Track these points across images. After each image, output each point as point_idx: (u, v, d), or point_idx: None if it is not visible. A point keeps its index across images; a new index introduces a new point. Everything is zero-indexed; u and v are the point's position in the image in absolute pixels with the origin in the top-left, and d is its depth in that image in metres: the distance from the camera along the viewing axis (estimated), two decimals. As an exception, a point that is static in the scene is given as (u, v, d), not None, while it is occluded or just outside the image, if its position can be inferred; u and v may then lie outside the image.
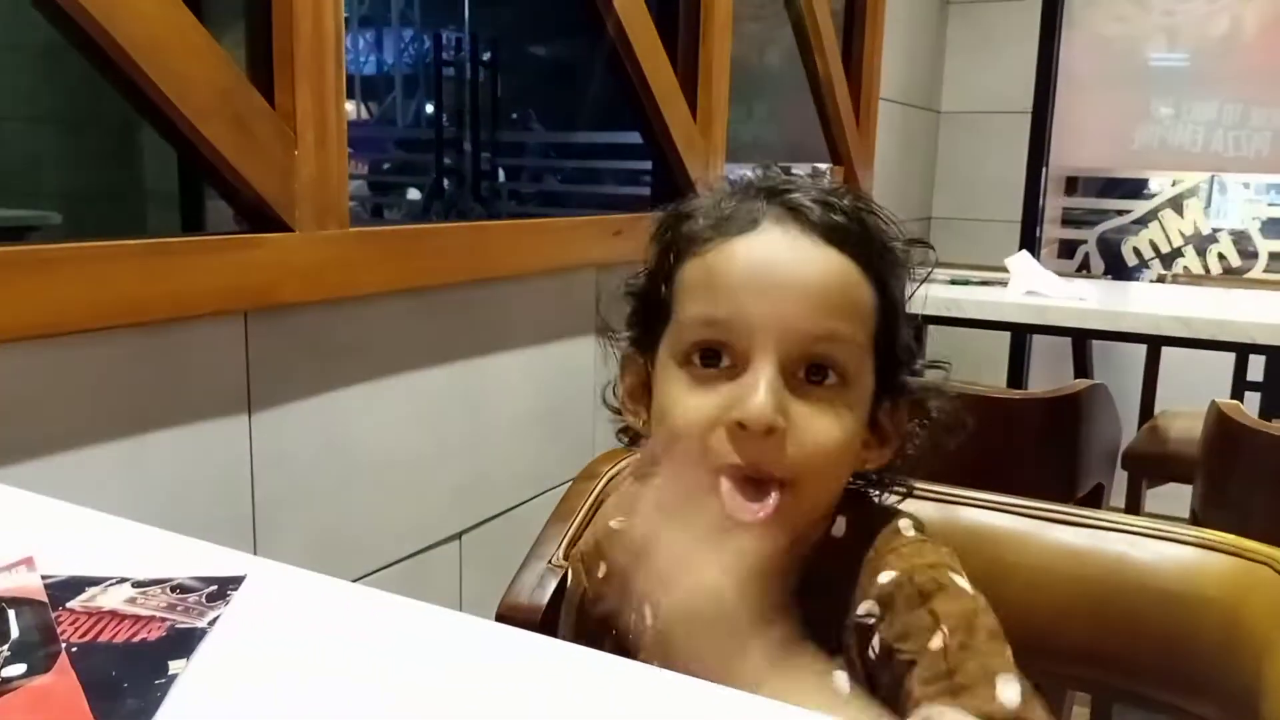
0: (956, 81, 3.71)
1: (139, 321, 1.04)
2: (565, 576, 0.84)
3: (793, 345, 0.62)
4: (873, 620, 0.63)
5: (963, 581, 0.63)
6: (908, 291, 0.68)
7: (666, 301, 0.67)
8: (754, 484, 0.62)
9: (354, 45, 7.43)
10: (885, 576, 0.64)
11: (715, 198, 0.68)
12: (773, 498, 0.62)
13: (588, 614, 0.75)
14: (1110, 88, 3.42)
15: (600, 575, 0.76)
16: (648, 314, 0.70)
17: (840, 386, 0.63)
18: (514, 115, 6.17)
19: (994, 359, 3.24)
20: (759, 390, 0.60)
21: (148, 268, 1.03)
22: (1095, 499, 1.48)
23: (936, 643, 0.59)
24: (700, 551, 0.65)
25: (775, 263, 0.63)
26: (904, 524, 0.68)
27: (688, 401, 0.63)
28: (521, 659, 0.54)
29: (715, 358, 0.63)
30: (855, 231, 0.64)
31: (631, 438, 0.76)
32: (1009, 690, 0.56)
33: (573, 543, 0.88)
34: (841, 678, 0.63)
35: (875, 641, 0.62)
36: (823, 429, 0.62)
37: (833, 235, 0.63)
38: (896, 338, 0.67)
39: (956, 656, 0.58)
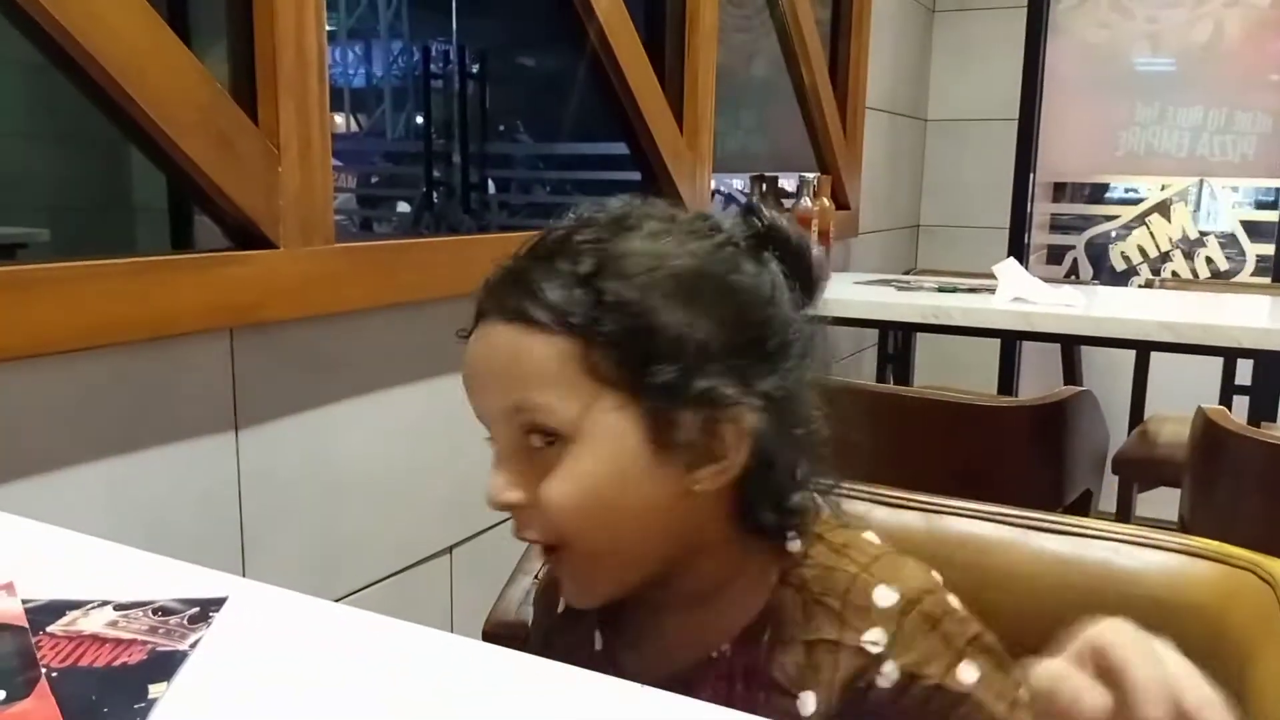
0: (943, 89, 3.72)
1: (123, 341, 1.04)
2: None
3: (505, 423, 0.65)
4: (879, 648, 0.62)
5: (958, 601, 0.65)
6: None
7: None
8: (547, 551, 0.67)
9: (343, 58, 7.44)
10: (885, 599, 0.63)
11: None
12: (558, 559, 0.66)
13: (554, 651, 0.75)
14: (1096, 94, 3.44)
15: (560, 610, 0.76)
16: None
17: (562, 443, 0.62)
18: (502, 127, 6.18)
19: (984, 366, 3.25)
20: (493, 476, 0.65)
21: (131, 286, 1.03)
22: (1084, 505, 1.49)
23: (969, 675, 0.62)
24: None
25: (471, 358, 0.67)
26: (869, 535, 0.69)
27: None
28: (508, 679, 0.54)
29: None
30: (527, 298, 0.63)
31: None
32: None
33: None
34: (808, 700, 0.64)
35: (887, 668, 0.62)
36: (556, 487, 0.63)
37: (511, 315, 0.64)
38: (636, 357, 0.61)
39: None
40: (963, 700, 0.61)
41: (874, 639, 0.62)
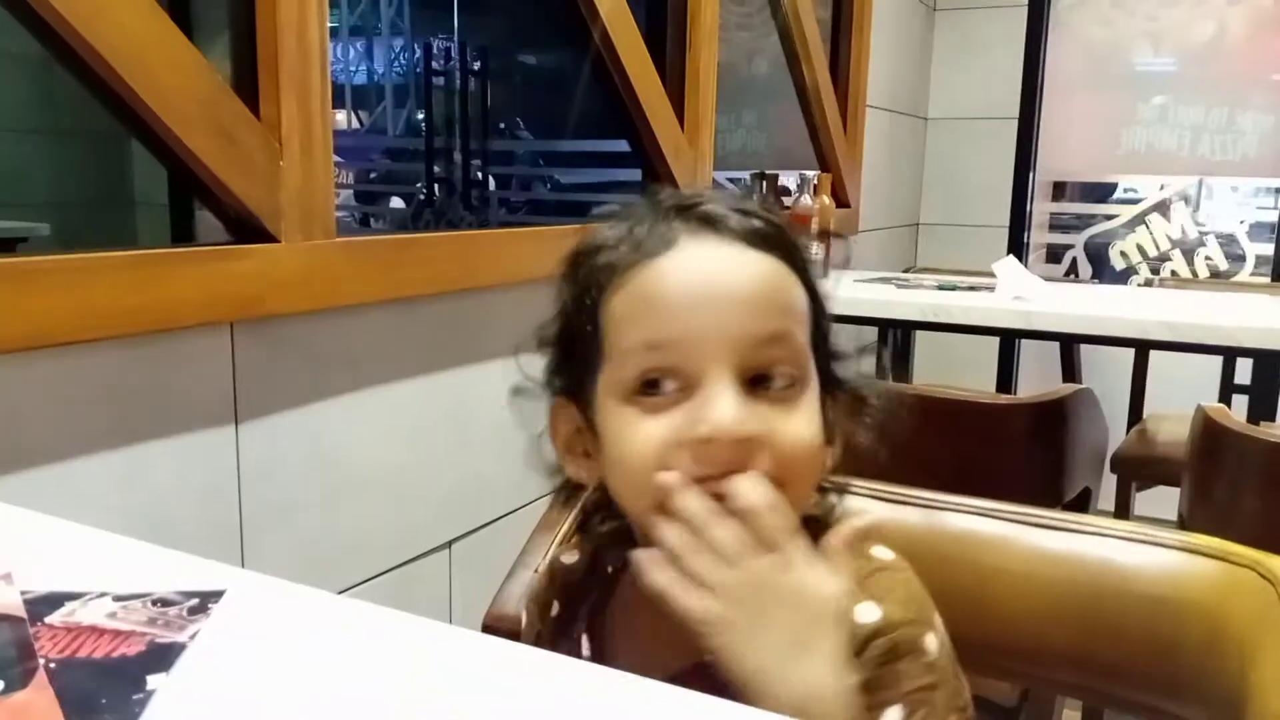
0: (943, 88, 3.72)
1: (124, 333, 1.04)
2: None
3: (745, 353, 0.59)
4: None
5: (933, 642, 0.61)
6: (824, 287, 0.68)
7: (596, 341, 0.64)
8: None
9: (344, 55, 7.44)
10: (867, 615, 0.61)
11: (622, 227, 0.65)
12: None
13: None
14: (1096, 93, 3.43)
15: (554, 614, 0.74)
16: (574, 359, 0.67)
17: (795, 388, 0.61)
18: (503, 124, 6.17)
19: (983, 364, 3.25)
20: (721, 399, 0.58)
21: (132, 279, 1.03)
22: (1083, 503, 1.49)
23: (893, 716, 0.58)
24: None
25: (707, 273, 0.61)
26: (879, 550, 0.65)
27: (644, 429, 0.60)
28: (508, 670, 0.54)
29: (660, 386, 0.60)
30: (774, 233, 0.63)
31: (570, 492, 0.73)
32: None
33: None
34: None
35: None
36: (797, 428, 0.60)
37: (754, 239, 0.62)
38: (828, 333, 0.66)
39: None
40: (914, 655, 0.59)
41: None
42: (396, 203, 5.99)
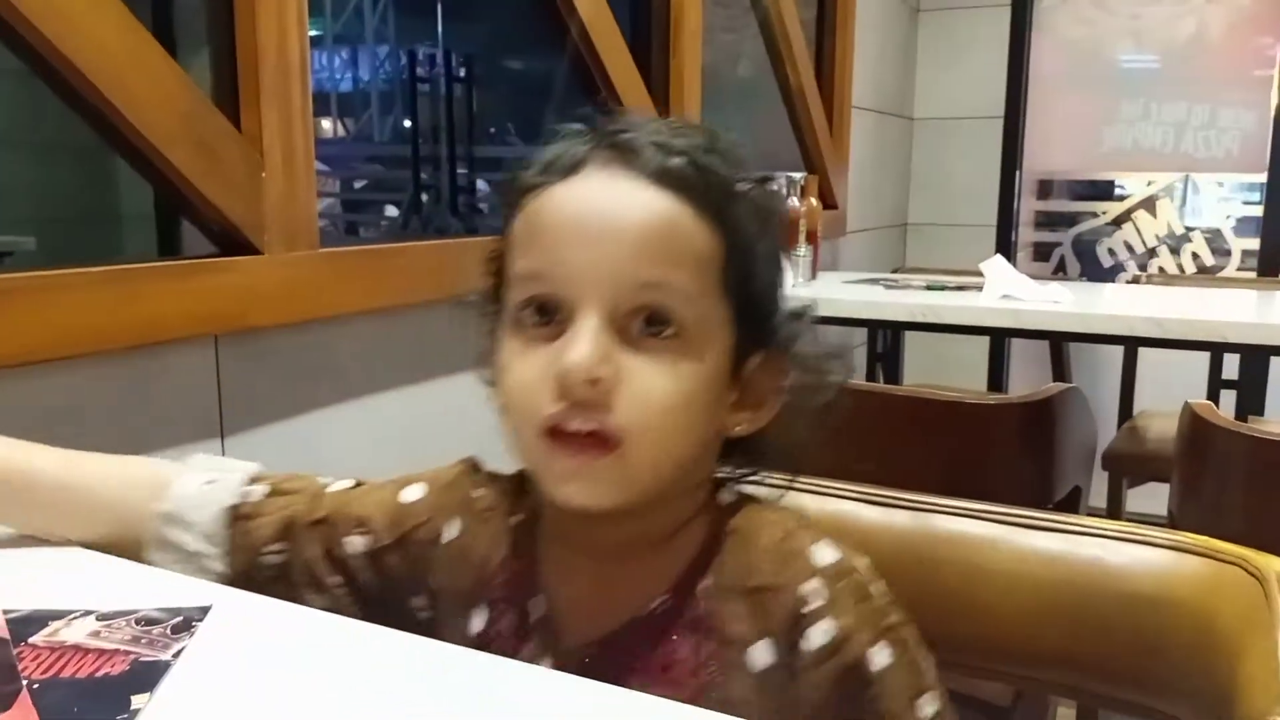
0: (928, 88, 3.73)
1: (106, 349, 1.03)
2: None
3: (620, 294, 0.57)
4: (819, 601, 0.59)
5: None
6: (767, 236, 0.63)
7: (503, 265, 0.63)
8: (576, 442, 0.57)
9: (329, 63, 7.43)
10: (824, 556, 0.61)
11: (556, 146, 0.62)
12: (599, 454, 0.57)
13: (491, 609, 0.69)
14: (1080, 91, 3.45)
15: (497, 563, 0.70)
16: (497, 282, 0.65)
17: (678, 339, 0.58)
18: (490, 130, 6.17)
19: (972, 363, 3.26)
20: (579, 340, 0.56)
21: (115, 294, 1.03)
22: (1073, 501, 1.49)
23: (881, 659, 0.59)
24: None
25: (595, 207, 0.58)
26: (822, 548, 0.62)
27: (516, 365, 0.59)
28: (498, 686, 0.54)
29: (544, 314, 0.59)
30: (689, 173, 0.59)
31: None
32: None
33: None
34: (759, 651, 0.60)
35: (824, 625, 0.59)
36: (656, 382, 0.57)
37: (664, 177, 0.59)
38: (753, 284, 0.62)
39: None
40: (869, 684, 0.58)
41: (814, 588, 0.59)
42: (392, 211, 5.98)
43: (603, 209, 0.58)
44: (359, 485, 0.75)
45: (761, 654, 0.60)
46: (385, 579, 0.69)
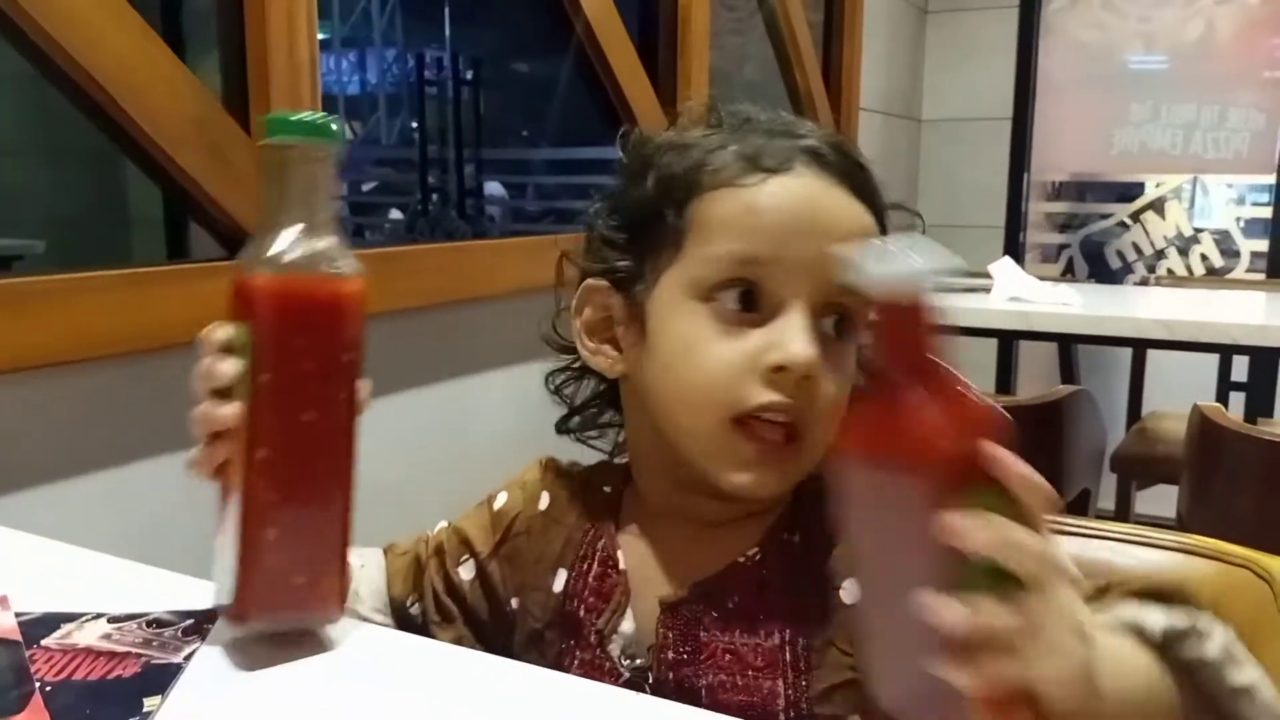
0: (937, 90, 3.72)
1: (117, 352, 1.04)
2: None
3: (825, 293, 0.60)
4: None
5: None
6: None
7: (674, 235, 0.64)
8: (769, 432, 0.60)
9: (337, 66, 7.45)
10: None
11: (718, 135, 0.66)
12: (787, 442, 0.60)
13: (575, 576, 0.71)
14: (1089, 92, 3.44)
15: (575, 526, 0.73)
16: (641, 243, 0.66)
17: (849, 343, 0.63)
18: (497, 133, 6.18)
19: (981, 366, 3.25)
20: (799, 334, 0.59)
21: (126, 298, 1.03)
22: (1082, 504, 1.49)
23: None
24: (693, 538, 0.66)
25: (819, 208, 0.62)
26: None
27: (716, 346, 0.61)
28: (508, 691, 0.54)
29: (744, 298, 0.61)
30: (876, 196, 0.65)
31: (560, 385, 0.75)
32: None
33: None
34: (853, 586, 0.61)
35: None
36: (835, 381, 0.61)
37: (861, 192, 0.64)
38: None
39: None
40: None
41: None
42: (393, 213, 5.99)
43: (825, 209, 0.62)
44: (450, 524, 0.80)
45: (850, 592, 0.62)
46: (490, 593, 0.73)
